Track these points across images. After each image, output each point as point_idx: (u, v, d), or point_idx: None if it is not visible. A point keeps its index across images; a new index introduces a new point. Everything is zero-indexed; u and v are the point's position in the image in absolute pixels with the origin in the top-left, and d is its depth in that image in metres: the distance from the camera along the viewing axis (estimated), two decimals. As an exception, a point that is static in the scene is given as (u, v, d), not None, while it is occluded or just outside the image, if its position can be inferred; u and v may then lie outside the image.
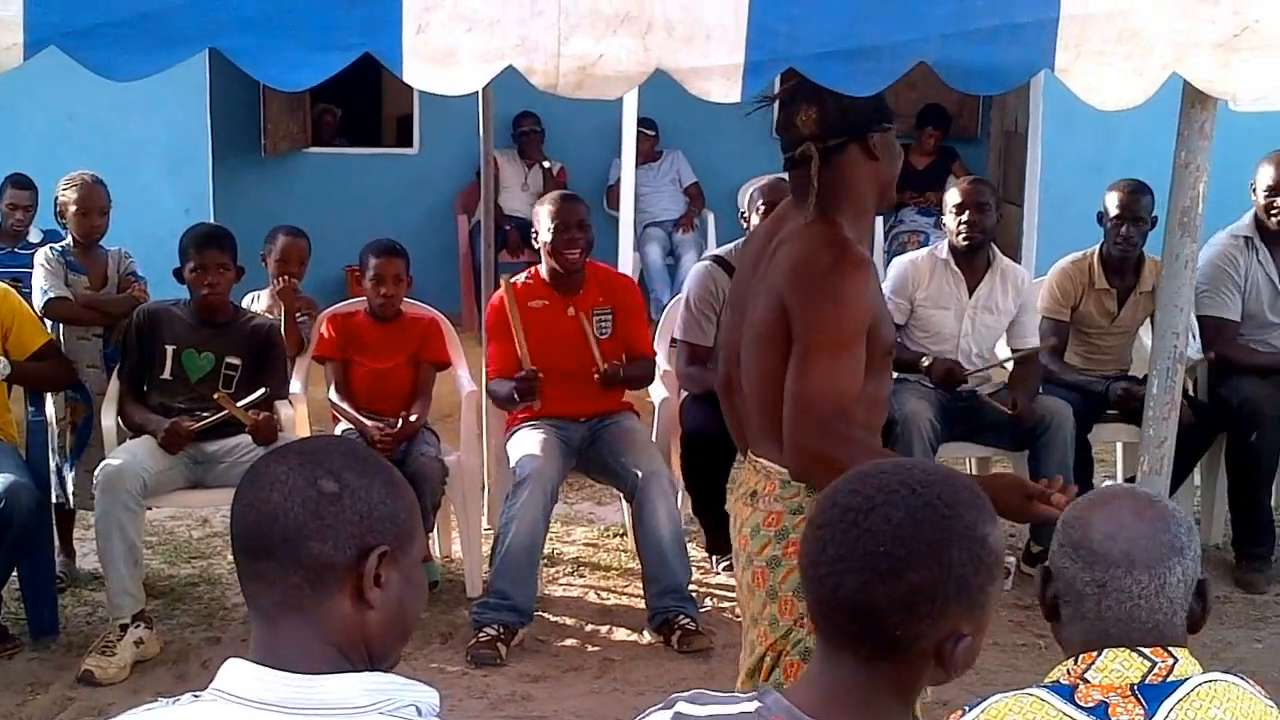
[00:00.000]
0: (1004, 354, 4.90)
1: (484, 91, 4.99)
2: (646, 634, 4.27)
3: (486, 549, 4.47)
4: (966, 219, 4.66)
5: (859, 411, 2.38)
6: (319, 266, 5.50)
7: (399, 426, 4.44)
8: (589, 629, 4.37)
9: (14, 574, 4.14)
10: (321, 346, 4.74)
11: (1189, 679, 1.66)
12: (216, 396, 4.20)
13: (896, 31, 2.38)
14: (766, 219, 2.71)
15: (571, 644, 4.26)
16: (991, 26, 2.41)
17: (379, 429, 4.43)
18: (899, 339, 4.67)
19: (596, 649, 4.22)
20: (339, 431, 4.55)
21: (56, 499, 4.49)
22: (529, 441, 4.36)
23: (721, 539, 4.62)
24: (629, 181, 7.14)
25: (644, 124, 7.67)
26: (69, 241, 4.67)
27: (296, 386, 4.69)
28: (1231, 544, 4.87)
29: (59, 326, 4.54)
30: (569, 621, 4.42)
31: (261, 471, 1.41)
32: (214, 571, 4.75)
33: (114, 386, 4.44)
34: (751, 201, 4.61)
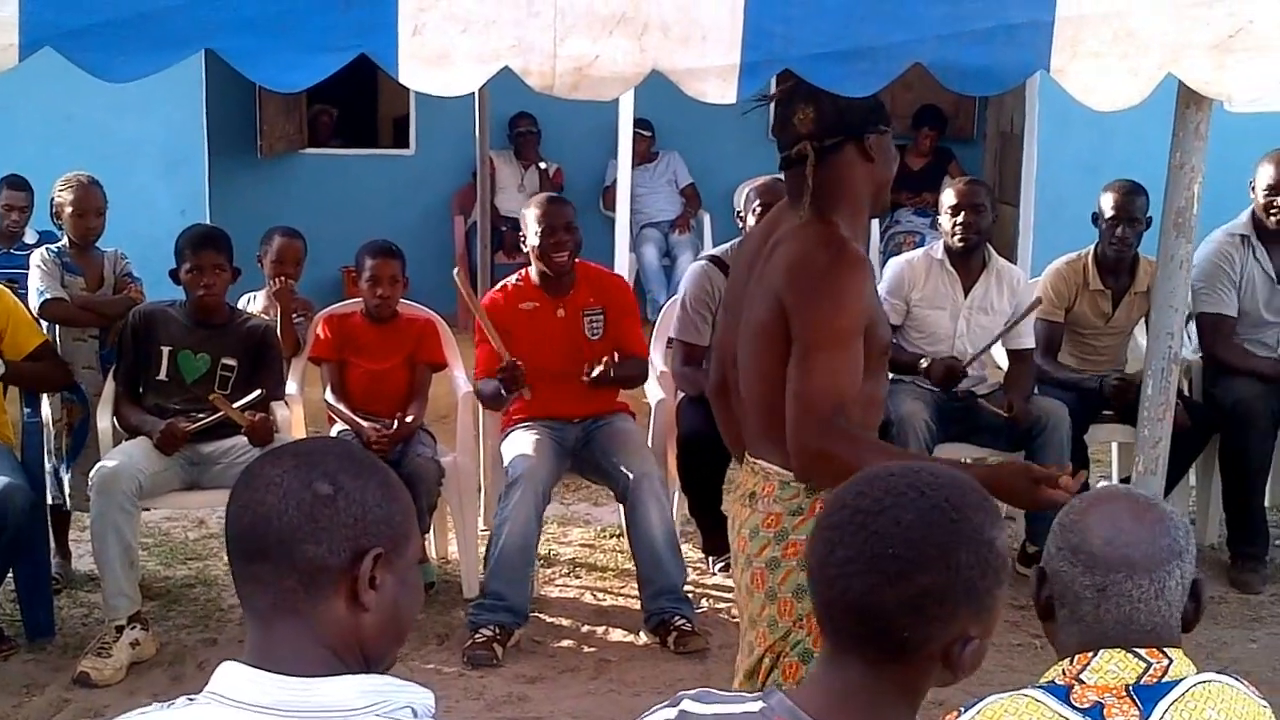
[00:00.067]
0: (999, 349, 4.91)
1: (480, 92, 5.00)
2: (643, 635, 4.27)
3: (483, 550, 4.46)
4: (962, 220, 4.67)
5: (856, 412, 2.38)
6: (315, 267, 5.49)
7: (395, 428, 4.44)
8: (585, 630, 4.37)
9: (9, 575, 4.14)
10: (317, 348, 4.74)
11: (1184, 679, 1.66)
12: (212, 398, 4.20)
13: (892, 32, 2.38)
14: (762, 220, 2.70)
15: (568, 645, 4.26)
16: (987, 28, 2.42)
17: (375, 430, 4.43)
18: (895, 340, 4.68)
19: (593, 650, 4.22)
20: (335, 433, 4.54)
21: (52, 500, 4.48)
22: (522, 442, 4.36)
23: (718, 540, 4.64)
24: (625, 182, 7.12)
25: (640, 125, 7.67)
26: (65, 242, 4.66)
27: (292, 388, 4.68)
28: (1226, 544, 4.88)
29: (55, 327, 4.54)
30: (565, 622, 4.42)
31: (256, 473, 1.41)
32: (210, 573, 4.74)
33: (109, 388, 4.44)
34: (748, 202, 4.60)
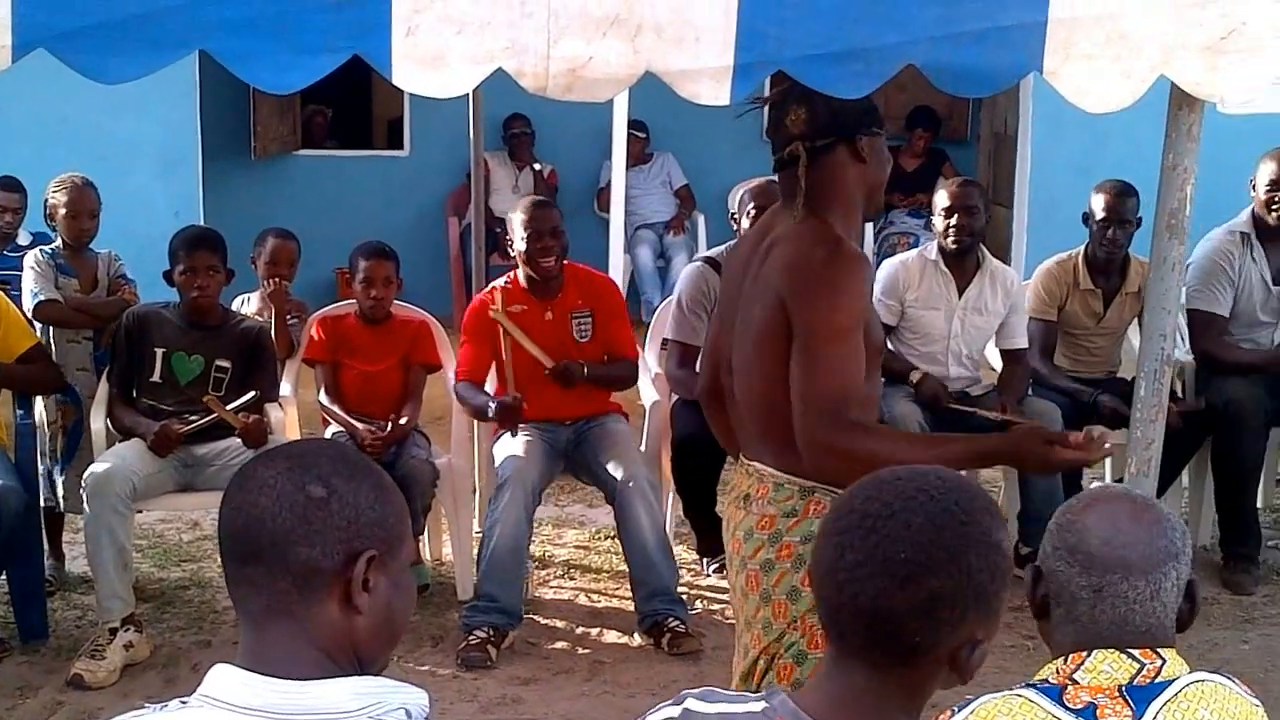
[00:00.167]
0: (992, 350, 4.91)
1: (474, 94, 5.00)
2: (637, 636, 4.27)
3: (477, 552, 4.46)
4: (956, 221, 4.67)
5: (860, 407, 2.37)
6: (309, 269, 5.49)
7: (389, 429, 4.44)
8: (579, 632, 4.37)
9: (3, 577, 4.14)
10: (311, 349, 4.73)
11: (1177, 679, 1.67)
12: (206, 399, 4.20)
13: (885, 34, 2.38)
14: (755, 224, 2.70)
15: (562, 647, 4.26)
16: (980, 29, 2.41)
17: (369, 432, 4.43)
18: (890, 342, 4.68)
19: (587, 651, 4.22)
20: (329, 434, 4.54)
21: (46, 502, 4.48)
22: (512, 444, 4.36)
23: (712, 541, 4.64)
24: (619, 184, 7.14)
25: (635, 126, 7.68)
26: (59, 244, 4.66)
27: (286, 389, 4.68)
28: (1219, 545, 4.88)
29: (49, 329, 4.54)
30: (559, 624, 4.42)
31: (250, 475, 1.41)
32: (204, 575, 4.74)
33: (103, 389, 4.43)
34: (742, 204, 4.60)
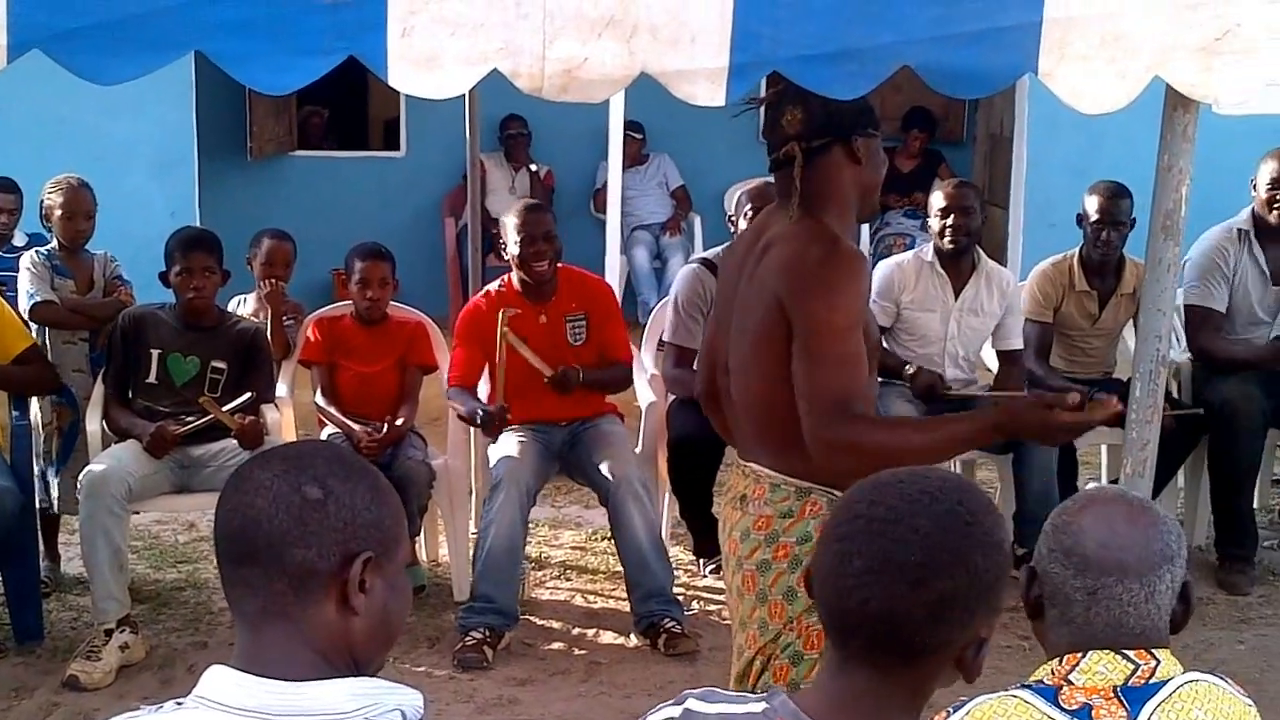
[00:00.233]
0: (989, 351, 4.91)
1: (470, 95, 5.00)
2: (633, 637, 4.27)
3: (473, 553, 4.46)
4: (951, 222, 4.67)
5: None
6: (305, 270, 5.48)
7: (385, 430, 4.43)
8: (576, 632, 4.37)
9: (-1, 579, 4.14)
10: (307, 350, 4.73)
11: (1171, 680, 1.67)
12: (202, 400, 4.19)
13: (880, 35, 2.38)
14: (750, 224, 2.70)
15: (558, 647, 4.26)
16: (975, 30, 2.42)
17: (366, 433, 4.43)
18: (885, 342, 4.68)
19: (583, 652, 4.22)
20: (325, 436, 4.54)
21: (41, 504, 4.47)
22: (506, 445, 4.36)
23: (709, 542, 4.64)
24: (616, 184, 7.14)
25: (631, 127, 7.67)
26: (54, 245, 4.65)
27: (282, 390, 4.68)
28: (1214, 546, 4.88)
29: (44, 331, 4.53)
30: (556, 625, 4.42)
31: (246, 477, 1.41)
32: (200, 576, 4.74)
33: (99, 391, 4.43)
34: (739, 205, 4.60)
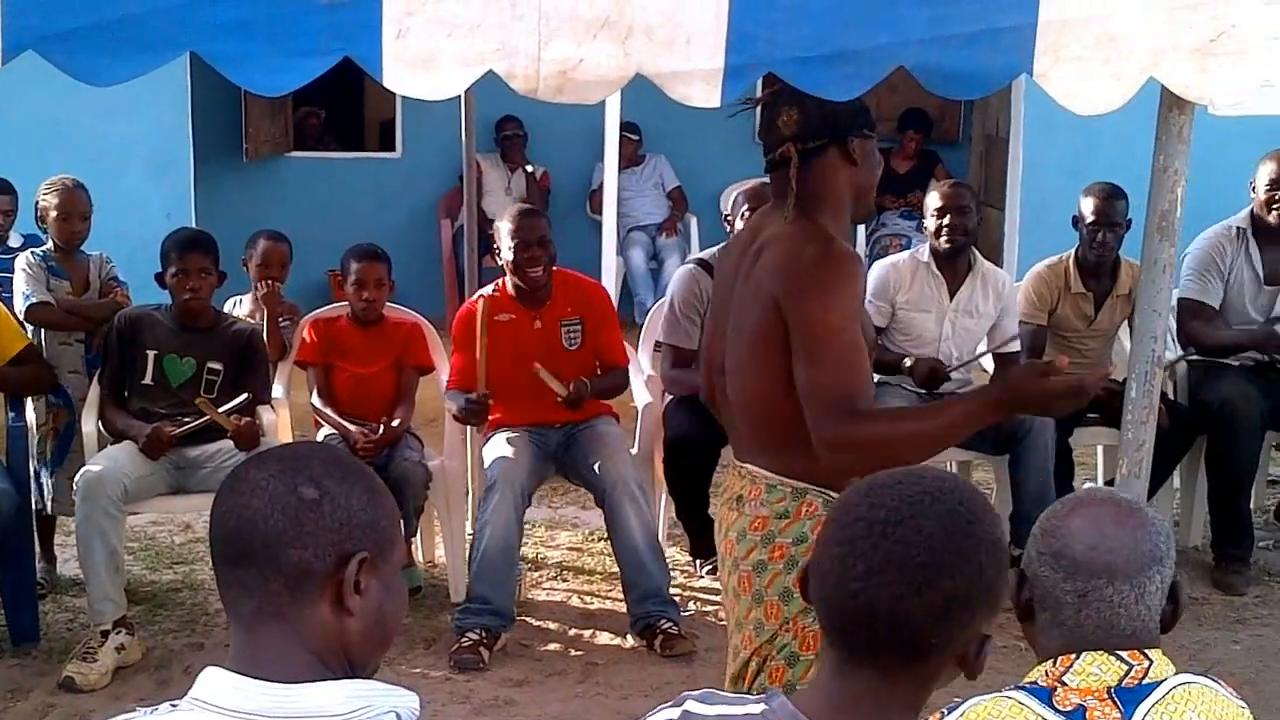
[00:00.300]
0: (986, 362, 4.91)
1: (466, 96, 5.00)
2: (629, 638, 4.27)
3: (469, 554, 4.46)
4: (947, 222, 4.67)
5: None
6: (301, 271, 5.48)
7: (381, 432, 4.43)
8: (572, 633, 4.37)
9: (-6, 580, 4.13)
10: (304, 351, 4.73)
11: (1164, 681, 1.67)
12: (198, 402, 4.19)
13: (876, 36, 2.38)
14: (746, 226, 2.71)
15: (555, 648, 4.26)
16: (970, 32, 2.42)
17: (362, 434, 4.43)
18: (881, 342, 4.69)
19: (580, 653, 4.22)
20: (321, 437, 4.54)
21: (36, 505, 4.47)
22: (500, 446, 4.35)
23: (705, 543, 4.63)
24: (612, 186, 7.15)
25: (627, 128, 7.68)
26: (50, 246, 4.65)
27: (279, 391, 4.68)
28: (1210, 546, 4.89)
29: (40, 332, 4.53)
30: (552, 626, 4.42)
31: (241, 477, 1.41)
32: (196, 577, 4.73)
33: (95, 392, 4.42)
34: (735, 206, 4.59)
